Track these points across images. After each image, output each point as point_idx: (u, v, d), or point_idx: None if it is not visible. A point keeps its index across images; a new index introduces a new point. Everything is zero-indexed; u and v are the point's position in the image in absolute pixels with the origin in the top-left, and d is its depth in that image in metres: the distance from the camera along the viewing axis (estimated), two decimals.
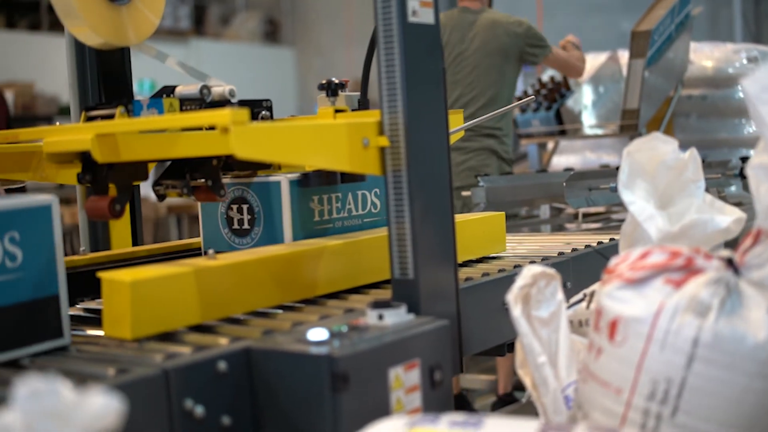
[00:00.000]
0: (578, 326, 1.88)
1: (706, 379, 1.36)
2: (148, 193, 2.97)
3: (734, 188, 4.05)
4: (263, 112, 2.03)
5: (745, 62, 4.80)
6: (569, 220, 3.95)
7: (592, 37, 9.23)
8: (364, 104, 2.18)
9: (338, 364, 1.43)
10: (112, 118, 1.81)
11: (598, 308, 1.50)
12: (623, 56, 4.88)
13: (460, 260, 1.97)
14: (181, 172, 1.89)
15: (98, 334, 1.74)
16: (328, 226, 2.09)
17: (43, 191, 7.07)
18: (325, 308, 1.85)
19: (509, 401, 4.21)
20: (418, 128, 1.72)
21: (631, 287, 1.45)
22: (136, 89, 2.37)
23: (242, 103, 1.98)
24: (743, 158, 4.13)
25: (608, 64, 4.93)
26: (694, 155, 1.80)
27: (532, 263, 1.99)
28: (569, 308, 1.86)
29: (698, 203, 1.76)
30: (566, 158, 5.21)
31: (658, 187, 1.81)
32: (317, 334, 1.52)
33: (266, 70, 13.97)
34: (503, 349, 2.10)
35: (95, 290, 1.98)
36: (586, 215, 4.03)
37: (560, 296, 1.68)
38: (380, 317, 1.62)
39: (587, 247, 2.50)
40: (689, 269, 1.45)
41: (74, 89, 2.31)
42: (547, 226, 3.82)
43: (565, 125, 4.77)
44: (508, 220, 2.47)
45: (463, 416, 1.27)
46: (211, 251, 1.79)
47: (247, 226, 2.04)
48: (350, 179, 2.11)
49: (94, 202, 1.81)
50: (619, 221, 3.81)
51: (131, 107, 1.81)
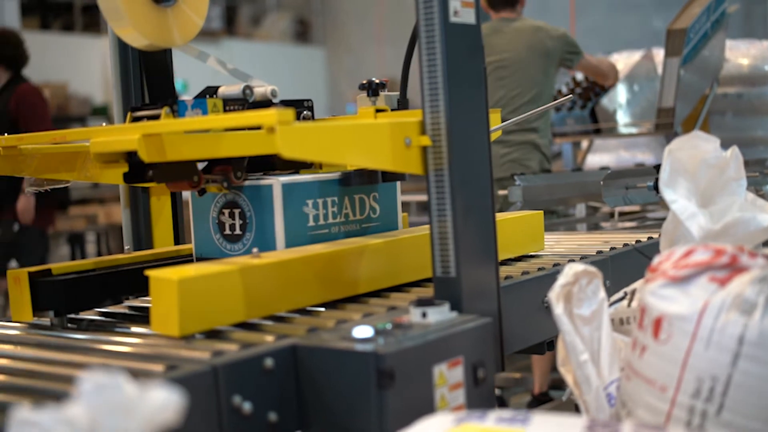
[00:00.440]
0: (619, 324, 1.88)
1: (751, 376, 1.36)
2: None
3: None
4: (305, 111, 2.05)
5: None
6: (605, 218, 3.94)
7: (624, 35, 9.20)
8: (403, 104, 2.19)
9: (384, 361, 1.45)
10: (157, 118, 1.84)
11: (642, 306, 1.50)
12: (657, 54, 4.87)
13: (499, 259, 1.98)
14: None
15: (145, 331, 1.76)
16: (323, 231, 2.01)
17: (81, 190, 7.08)
18: (367, 306, 1.87)
19: (545, 400, 4.21)
20: (459, 127, 1.73)
21: (675, 285, 1.46)
22: None
23: (284, 103, 2.00)
24: None
25: (643, 62, 4.91)
26: (735, 153, 1.80)
27: (571, 262, 2.00)
28: (610, 306, 1.87)
29: (740, 201, 1.76)
30: (600, 157, 5.19)
31: (699, 185, 1.81)
32: (362, 331, 1.54)
33: (297, 69, 14.03)
34: (543, 347, 2.11)
35: (140, 288, 2.02)
36: (621, 214, 4.02)
37: (602, 294, 1.69)
38: (423, 315, 1.63)
39: (625, 245, 2.50)
40: (734, 267, 1.45)
41: (117, 90, 2.34)
42: (582, 225, 3.81)
43: (599, 124, 4.76)
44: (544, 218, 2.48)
45: (510, 412, 1.28)
46: (255, 250, 1.81)
47: (239, 231, 1.96)
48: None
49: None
50: (654, 220, 3.80)
51: (176, 108, 1.83)
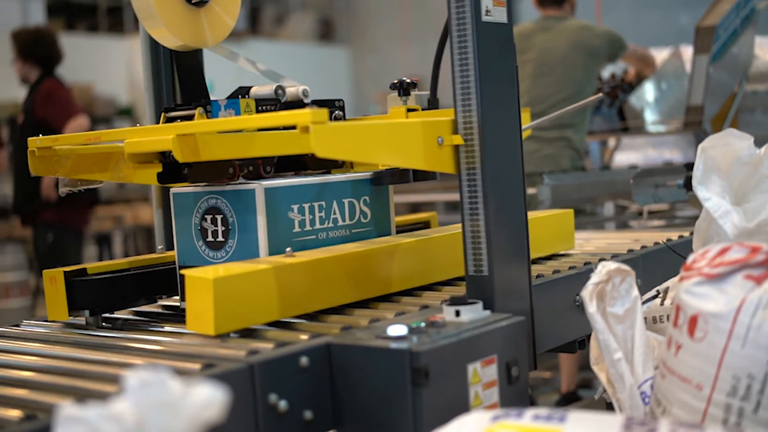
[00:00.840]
0: (652, 323, 1.88)
1: None
2: None
3: None
4: (336, 111, 2.06)
5: None
6: (633, 217, 3.93)
7: (650, 32, 9.16)
8: (433, 103, 2.19)
9: (419, 358, 1.45)
10: (191, 119, 1.86)
11: (677, 304, 1.50)
12: (685, 52, 4.84)
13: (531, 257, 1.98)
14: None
15: (180, 330, 1.78)
16: (309, 237, 1.92)
17: (107, 191, 7.12)
18: (399, 305, 1.88)
19: (572, 400, 4.20)
20: (492, 126, 1.73)
21: (710, 283, 1.46)
22: None
23: (316, 103, 2.01)
24: None
25: (671, 60, 4.89)
26: None
27: (601, 260, 2.00)
28: (643, 305, 1.87)
29: None
30: (627, 155, 5.17)
31: (732, 183, 1.81)
32: (396, 329, 1.55)
33: (320, 69, 14.06)
34: (574, 346, 2.11)
35: (173, 287, 2.04)
36: (649, 212, 4.01)
37: (635, 293, 1.68)
38: (457, 313, 1.64)
39: (656, 244, 2.49)
40: None
41: (149, 91, 2.35)
42: (611, 223, 3.80)
43: (627, 122, 4.74)
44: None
45: (546, 410, 1.28)
46: (288, 249, 1.83)
47: (221, 238, 1.89)
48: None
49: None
50: (683, 218, 3.78)
51: (210, 108, 1.84)
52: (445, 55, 2.01)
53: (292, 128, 1.79)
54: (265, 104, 1.93)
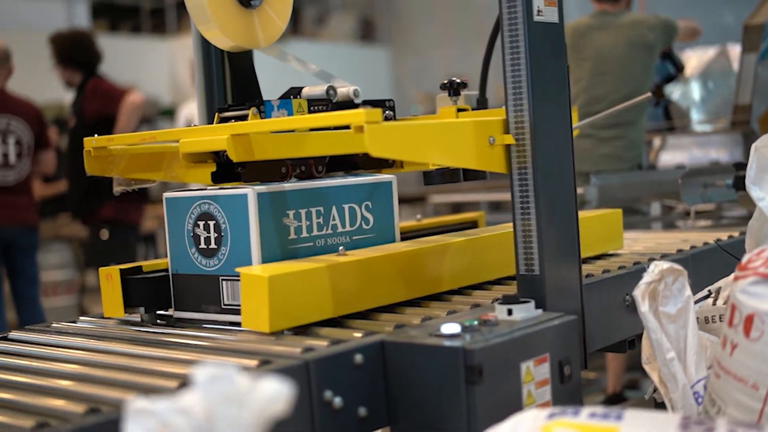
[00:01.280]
0: (704, 323, 1.87)
1: None
2: None
3: None
4: (387, 111, 2.07)
5: None
6: (680, 217, 3.90)
7: None
8: (482, 103, 2.20)
9: (472, 356, 1.46)
10: (245, 119, 1.88)
11: (732, 304, 1.50)
12: (732, 50, 4.80)
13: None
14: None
15: (234, 327, 1.80)
16: (307, 245, 1.86)
17: (151, 191, 7.11)
18: (450, 304, 1.89)
19: (619, 400, 4.18)
20: (543, 126, 1.74)
21: (766, 283, 1.45)
22: None
23: (367, 103, 2.02)
24: None
25: (717, 59, 4.86)
26: None
27: (651, 260, 1.99)
28: (695, 305, 1.86)
29: None
30: (673, 155, 5.14)
31: None
32: (450, 327, 1.56)
33: (361, 69, 14.10)
34: (624, 345, 2.10)
35: None
36: (696, 213, 3.98)
37: (688, 292, 1.68)
38: (509, 312, 1.64)
39: (706, 244, 2.48)
40: None
41: (200, 91, 2.38)
42: (657, 223, 3.77)
43: (673, 121, 4.71)
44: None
45: (603, 409, 1.28)
46: (341, 248, 1.84)
47: (213, 245, 1.83)
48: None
49: None
50: (731, 218, 3.75)
51: (263, 108, 1.87)
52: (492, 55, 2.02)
53: (344, 128, 1.81)
54: (316, 104, 1.95)
